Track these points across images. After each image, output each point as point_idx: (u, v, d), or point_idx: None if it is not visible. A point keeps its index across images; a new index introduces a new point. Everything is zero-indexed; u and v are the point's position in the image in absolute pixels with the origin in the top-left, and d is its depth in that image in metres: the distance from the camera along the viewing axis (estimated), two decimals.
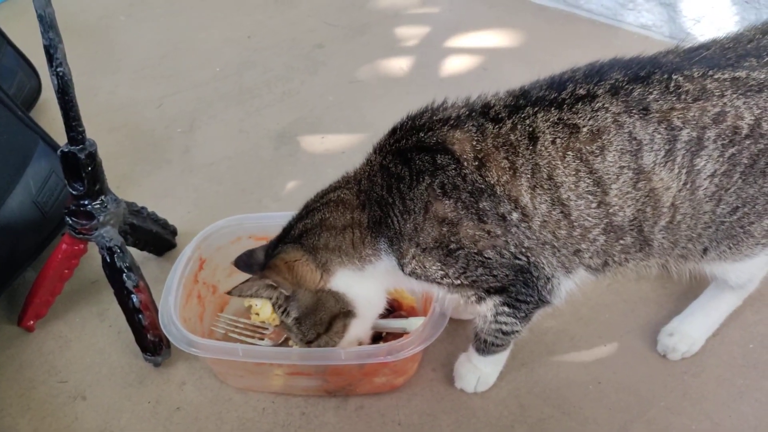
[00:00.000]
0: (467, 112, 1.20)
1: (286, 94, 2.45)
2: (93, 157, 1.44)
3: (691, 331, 1.48)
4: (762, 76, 1.13)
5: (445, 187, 1.15)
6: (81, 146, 1.42)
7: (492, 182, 1.14)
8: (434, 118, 1.21)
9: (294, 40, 2.76)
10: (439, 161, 1.16)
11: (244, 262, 1.37)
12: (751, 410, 1.38)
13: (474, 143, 1.15)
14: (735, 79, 1.13)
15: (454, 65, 2.51)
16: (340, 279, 1.27)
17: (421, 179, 1.16)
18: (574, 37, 2.60)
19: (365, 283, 1.29)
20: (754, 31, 1.22)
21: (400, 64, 2.55)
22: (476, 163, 1.14)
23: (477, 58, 2.53)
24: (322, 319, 1.30)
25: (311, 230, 1.26)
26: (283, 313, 1.31)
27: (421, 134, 1.19)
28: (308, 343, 1.34)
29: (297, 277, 1.26)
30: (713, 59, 1.16)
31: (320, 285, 1.27)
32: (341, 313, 1.30)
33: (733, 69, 1.14)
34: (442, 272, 1.21)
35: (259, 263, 1.34)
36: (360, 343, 1.37)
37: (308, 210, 1.30)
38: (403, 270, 1.23)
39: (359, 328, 1.34)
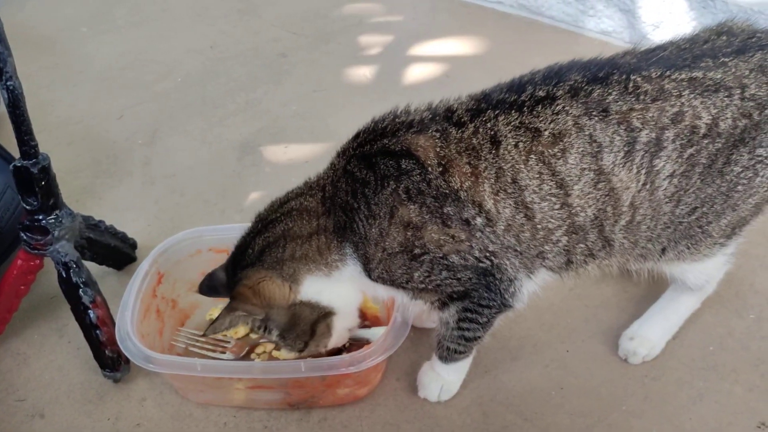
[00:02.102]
0: (430, 116, 1.20)
1: (249, 103, 2.43)
2: (46, 171, 1.42)
3: (651, 334, 1.49)
4: (718, 76, 1.15)
5: (409, 192, 1.15)
6: (34, 161, 1.40)
7: (456, 187, 1.14)
8: (398, 122, 1.21)
9: (257, 49, 2.75)
10: (403, 166, 1.15)
11: (207, 286, 1.36)
12: (711, 412, 1.39)
13: (437, 149, 1.15)
14: (692, 80, 1.14)
15: (417, 73, 2.52)
16: (309, 287, 1.26)
17: (386, 184, 1.16)
18: (536, 43, 2.62)
19: (335, 288, 1.28)
20: (709, 32, 1.24)
21: (364, 73, 2.55)
22: (440, 168, 1.14)
23: (440, 66, 2.53)
24: (304, 329, 1.30)
25: (273, 244, 1.25)
26: (265, 332, 1.31)
27: (386, 140, 1.19)
28: (300, 352, 1.34)
29: (266, 299, 1.25)
30: (670, 60, 1.17)
31: (291, 299, 1.26)
32: (320, 317, 1.30)
33: (690, 69, 1.15)
34: (407, 276, 1.21)
35: (222, 284, 1.33)
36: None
37: (265, 223, 1.27)
38: (370, 275, 1.23)
39: (344, 321, 1.34)
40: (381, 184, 1.17)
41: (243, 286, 1.25)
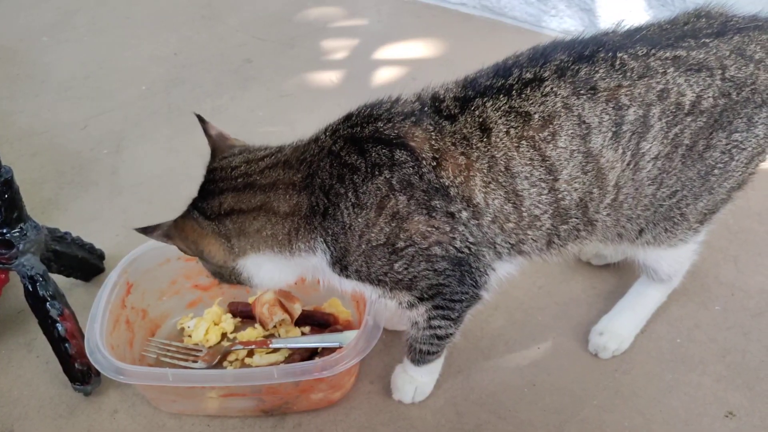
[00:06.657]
0: (420, 107, 1.18)
1: (215, 110, 2.42)
2: (9, 184, 1.40)
3: (619, 329, 1.51)
4: (701, 56, 1.17)
5: (402, 183, 1.13)
6: None
7: (447, 183, 1.13)
8: (393, 110, 1.18)
9: (222, 55, 2.74)
10: (397, 156, 1.13)
11: None
12: (680, 404, 1.41)
13: (432, 143, 1.14)
14: (676, 58, 1.17)
15: (383, 75, 2.52)
16: (252, 261, 1.23)
17: (377, 173, 1.13)
18: (500, 44, 2.63)
19: (279, 268, 1.25)
20: (688, 15, 1.26)
21: (330, 77, 2.55)
22: (434, 162, 1.13)
23: (406, 68, 2.55)
24: (227, 280, 1.30)
25: (245, 213, 1.19)
26: None
27: (380, 124, 1.16)
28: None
29: (200, 250, 1.24)
30: (654, 39, 1.19)
31: (226, 264, 1.25)
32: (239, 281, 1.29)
33: (674, 48, 1.17)
34: (387, 267, 1.18)
35: None
36: None
37: (245, 177, 1.21)
38: (345, 269, 1.19)
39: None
40: (372, 172, 1.13)
41: (187, 226, 1.25)
